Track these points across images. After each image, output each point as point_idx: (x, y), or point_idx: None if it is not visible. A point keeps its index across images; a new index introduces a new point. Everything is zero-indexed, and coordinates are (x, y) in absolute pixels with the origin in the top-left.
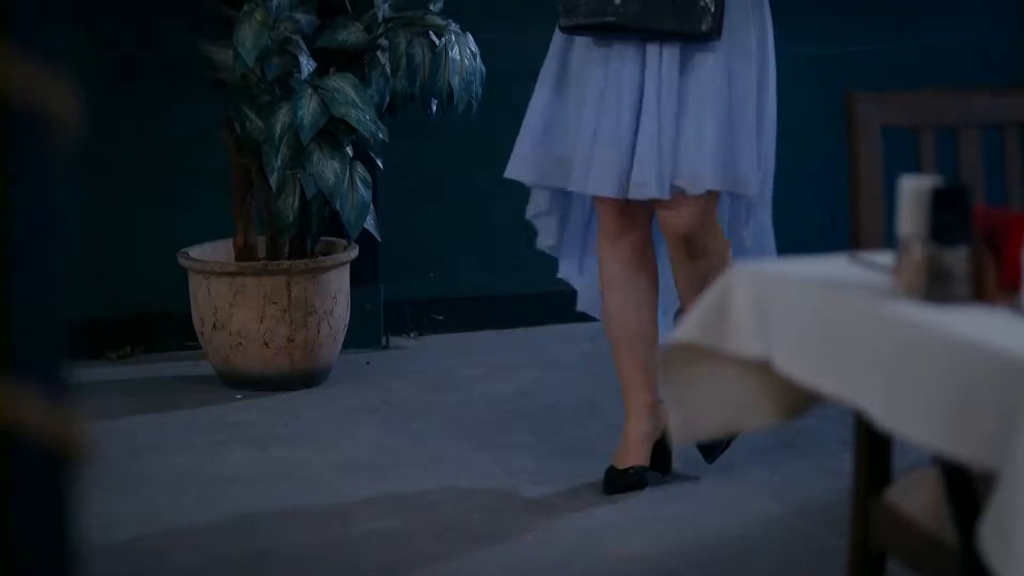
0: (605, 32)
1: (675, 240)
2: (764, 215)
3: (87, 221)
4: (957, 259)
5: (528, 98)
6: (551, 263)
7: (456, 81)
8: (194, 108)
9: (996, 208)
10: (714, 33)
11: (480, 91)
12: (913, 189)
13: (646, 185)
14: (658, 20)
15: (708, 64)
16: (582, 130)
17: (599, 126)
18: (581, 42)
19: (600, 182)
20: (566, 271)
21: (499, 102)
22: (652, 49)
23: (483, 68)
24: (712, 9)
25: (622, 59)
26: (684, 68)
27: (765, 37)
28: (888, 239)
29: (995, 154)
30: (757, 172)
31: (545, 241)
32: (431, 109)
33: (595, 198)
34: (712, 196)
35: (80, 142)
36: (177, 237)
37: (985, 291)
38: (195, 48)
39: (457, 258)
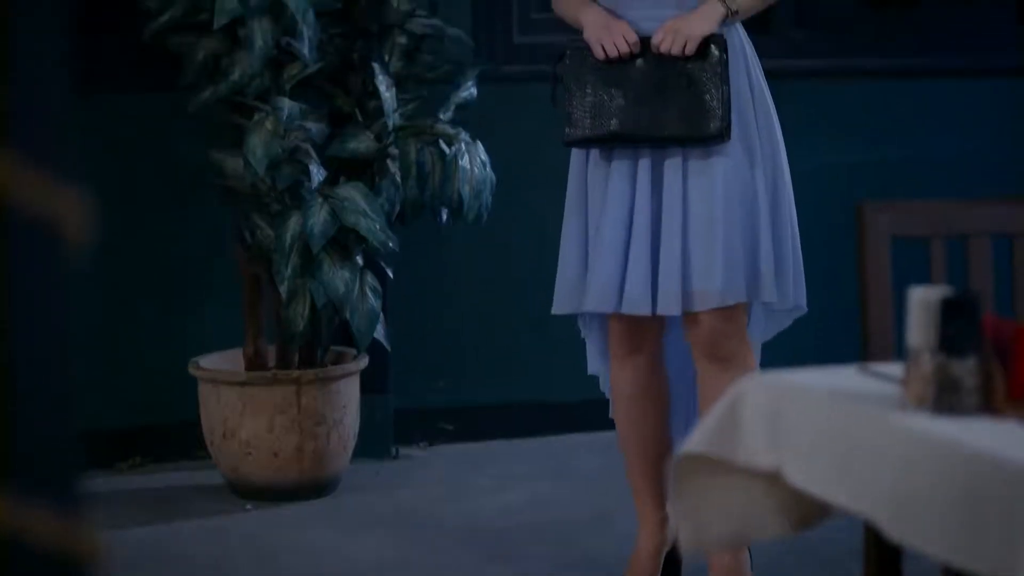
0: (611, 143)
1: (697, 350)
2: (756, 332)
3: (96, 329)
4: (966, 370)
5: (539, 207)
6: (562, 371)
7: (466, 190)
8: (204, 217)
9: (1005, 318)
10: (723, 135)
11: (490, 200)
12: (922, 299)
13: (634, 300)
14: (665, 126)
15: (716, 168)
16: (596, 249)
17: (608, 243)
18: (594, 156)
19: (603, 299)
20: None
21: (509, 210)
22: (659, 156)
23: (493, 177)
24: (719, 111)
25: (628, 169)
26: (690, 174)
27: (774, 137)
28: (898, 349)
29: (1004, 264)
30: (772, 275)
31: (592, 365)
32: (441, 218)
33: (606, 316)
34: (736, 307)
35: (89, 251)
36: (187, 346)
37: (994, 402)
38: (205, 156)
39: (467, 367)
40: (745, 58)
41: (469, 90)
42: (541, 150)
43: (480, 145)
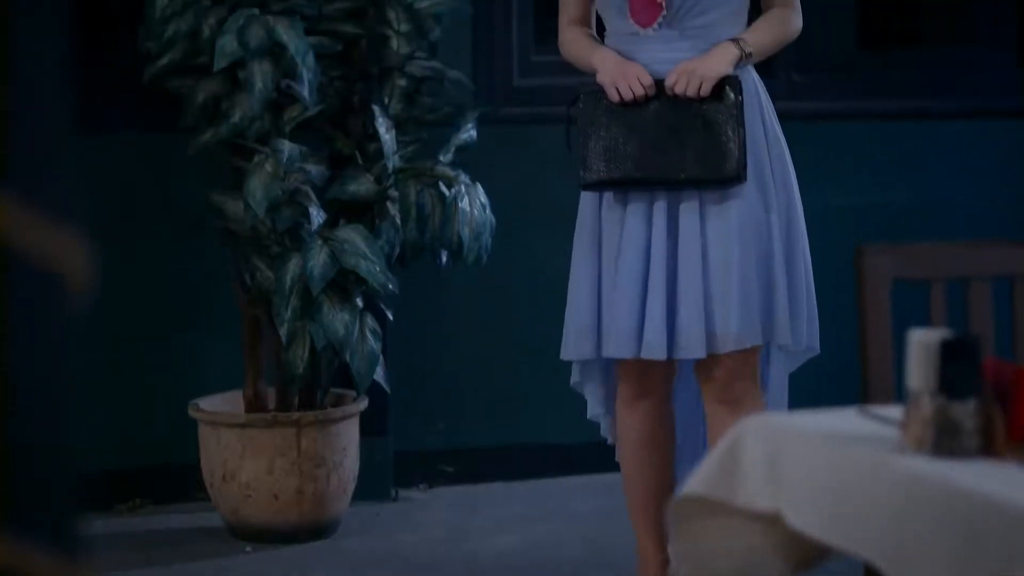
0: (627, 186)
1: (708, 392)
2: (780, 371)
3: (96, 371)
4: (966, 412)
5: (538, 249)
6: (561, 414)
7: (466, 232)
8: (204, 259)
9: (1006, 361)
10: (740, 177)
11: (490, 242)
12: (922, 342)
13: (654, 346)
14: (682, 169)
15: (732, 210)
16: (614, 294)
17: (626, 287)
18: (607, 198)
19: (623, 345)
20: (607, 433)
21: (509, 253)
22: (674, 198)
23: (493, 219)
24: (736, 153)
25: (643, 212)
26: (707, 216)
27: (788, 179)
28: (898, 392)
29: (1005, 306)
30: (787, 318)
31: (593, 410)
32: (441, 260)
33: (615, 360)
34: (751, 349)
35: (90, 294)
36: (187, 388)
37: (994, 445)
38: (206, 198)
39: (467, 410)
40: (759, 100)
41: (469, 132)
42: (541, 192)
43: (480, 187)
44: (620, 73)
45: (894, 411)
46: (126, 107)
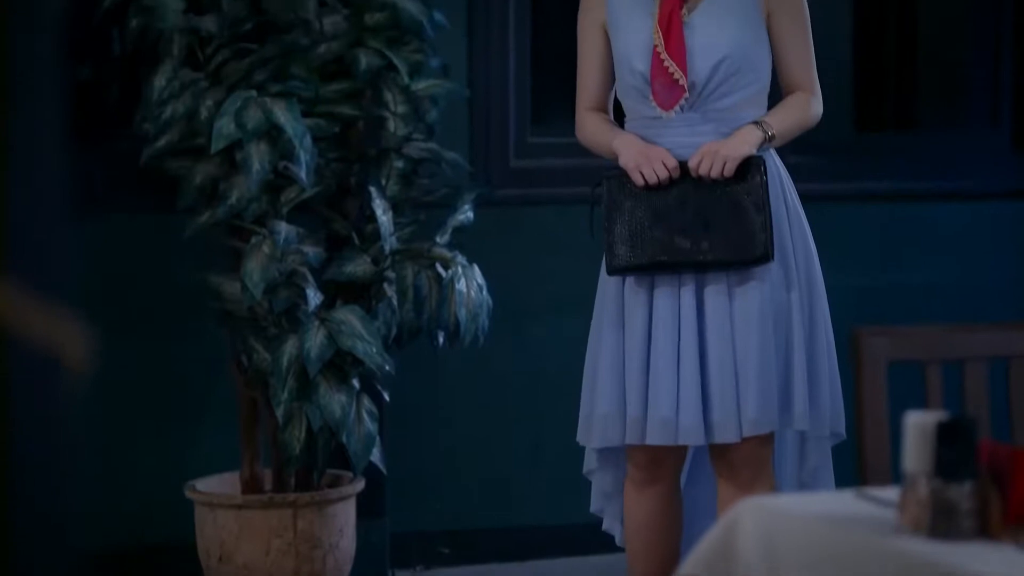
0: (654, 270)
1: (721, 473)
2: (822, 453)
3: (93, 452)
4: (962, 495)
5: (535, 330)
6: (558, 495)
7: (463, 313)
8: (201, 340)
9: (1002, 443)
10: (767, 257)
11: (487, 323)
12: (918, 424)
13: (691, 431)
14: (708, 251)
15: (756, 291)
16: (652, 381)
17: (662, 373)
18: (631, 282)
19: (659, 432)
20: (610, 526)
21: (506, 334)
22: (701, 279)
23: (490, 300)
24: (762, 234)
25: (671, 295)
26: (734, 296)
27: (810, 259)
28: (895, 474)
29: (1001, 388)
30: (806, 404)
31: (596, 503)
32: (438, 341)
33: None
34: (764, 436)
35: (88, 377)
36: (183, 469)
37: (990, 527)
38: (203, 279)
39: (464, 490)
40: (780, 180)
41: (466, 214)
42: (537, 273)
43: (476, 268)
44: (644, 156)
45: (891, 493)
46: (123, 188)
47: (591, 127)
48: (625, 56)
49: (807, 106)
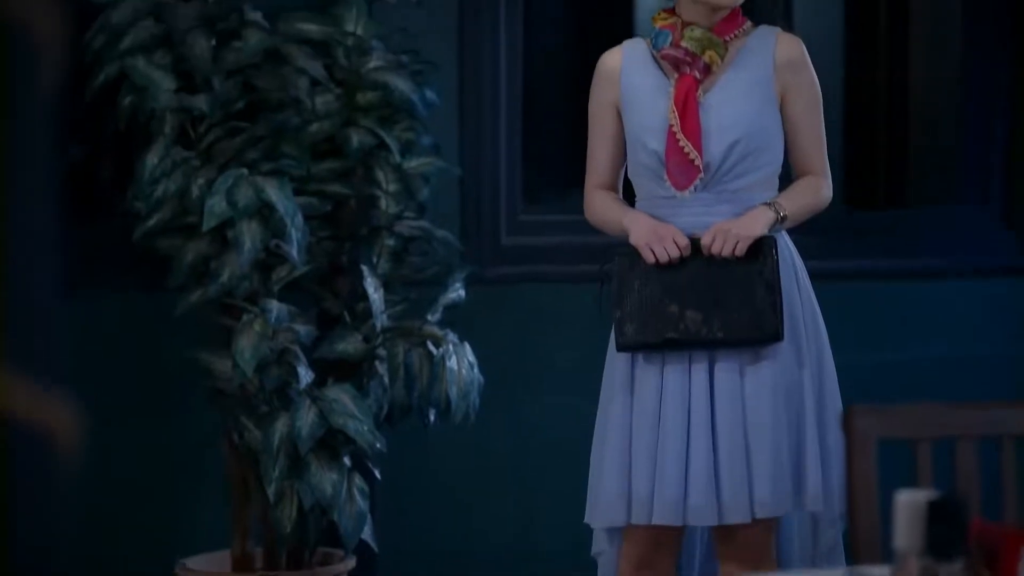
0: (665, 348)
1: (725, 553)
2: (835, 533)
3: (84, 529)
4: (952, 573)
5: (526, 408)
6: (552, 572)
7: (454, 391)
8: (193, 418)
9: (992, 521)
10: (778, 336)
11: (478, 401)
12: (908, 502)
13: (701, 511)
14: (720, 330)
15: (767, 370)
16: (637, 454)
17: (671, 451)
18: (640, 358)
19: (667, 512)
20: None
21: (497, 411)
22: (712, 357)
23: (481, 378)
24: (773, 313)
25: (682, 373)
26: (745, 375)
27: (820, 337)
28: (886, 552)
29: (992, 466)
30: (819, 485)
31: None
32: (429, 419)
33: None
34: (769, 520)
35: (79, 456)
36: (174, 547)
37: None
38: (194, 357)
39: (456, 568)
40: (792, 258)
41: (457, 292)
42: (529, 351)
43: (468, 346)
44: (655, 234)
45: (882, 571)
46: (115, 266)
47: (601, 205)
48: (639, 135)
49: (819, 189)
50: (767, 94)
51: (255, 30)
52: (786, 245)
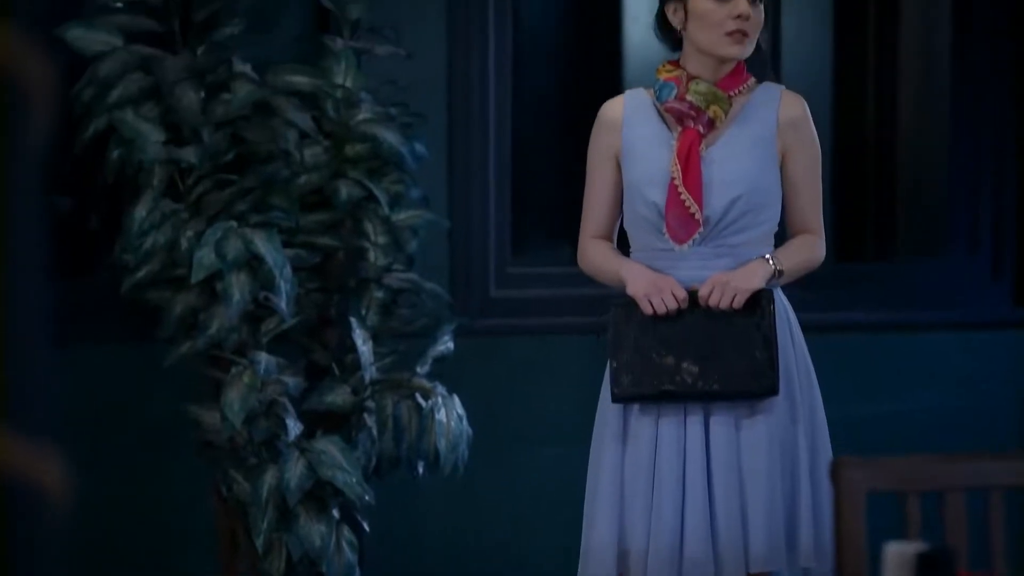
0: (661, 400)
1: None
2: None
3: None
4: None
5: (515, 460)
6: None
7: (442, 444)
8: (181, 470)
9: (981, 574)
10: (775, 389)
11: (467, 453)
12: (897, 555)
13: (697, 565)
14: (716, 382)
15: (763, 424)
16: (632, 507)
17: (667, 505)
18: (635, 409)
19: (667, 567)
20: None
21: (485, 464)
22: (707, 409)
23: (469, 430)
24: (769, 367)
25: (677, 425)
26: (741, 428)
27: (814, 391)
28: None
29: (980, 519)
30: (812, 541)
31: None
32: (417, 471)
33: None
34: (765, 573)
35: (67, 508)
36: None
37: None
38: (182, 409)
39: None
40: (787, 314)
41: (446, 344)
42: (517, 404)
43: (456, 399)
44: (653, 286)
45: None
46: (104, 319)
47: (596, 255)
48: (639, 187)
49: (814, 248)
50: (769, 152)
51: (244, 82)
52: (780, 299)
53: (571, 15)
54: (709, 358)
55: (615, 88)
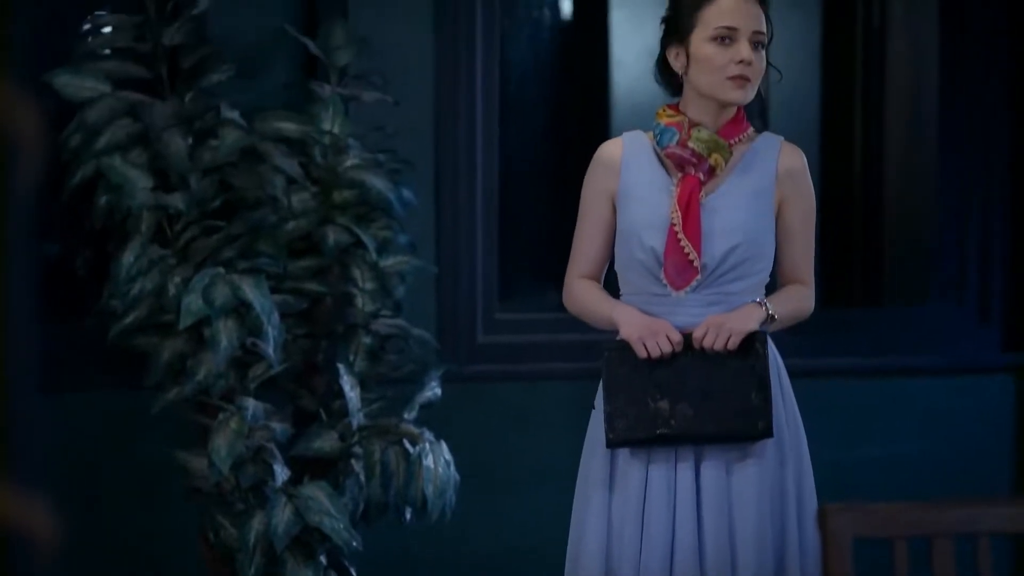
0: (655, 444)
1: None
2: None
3: None
4: None
5: (502, 506)
6: None
7: (430, 489)
8: (169, 516)
9: None
10: (769, 431)
11: (454, 499)
12: None
13: None
14: (710, 425)
15: (753, 467)
16: (621, 551)
17: (656, 549)
18: (623, 453)
19: None
20: None
21: (473, 510)
22: (699, 452)
23: (457, 476)
24: (763, 410)
25: (668, 468)
26: (732, 471)
27: (800, 436)
28: None
29: (968, 564)
30: None
31: None
32: (405, 517)
33: None
34: None
35: (55, 556)
36: None
37: None
38: (170, 455)
39: None
40: (775, 358)
41: (433, 390)
42: (504, 449)
43: (444, 444)
44: (648, 329)
45: None
46: (91, 365)
47: (585, 294)
48: (636, 231)
49: (805, 299)
50: (767, 202)
51: (232, 128)
52: (770, 343)
53: (558, 60)
54: (704, 401)
55: (602, 133)
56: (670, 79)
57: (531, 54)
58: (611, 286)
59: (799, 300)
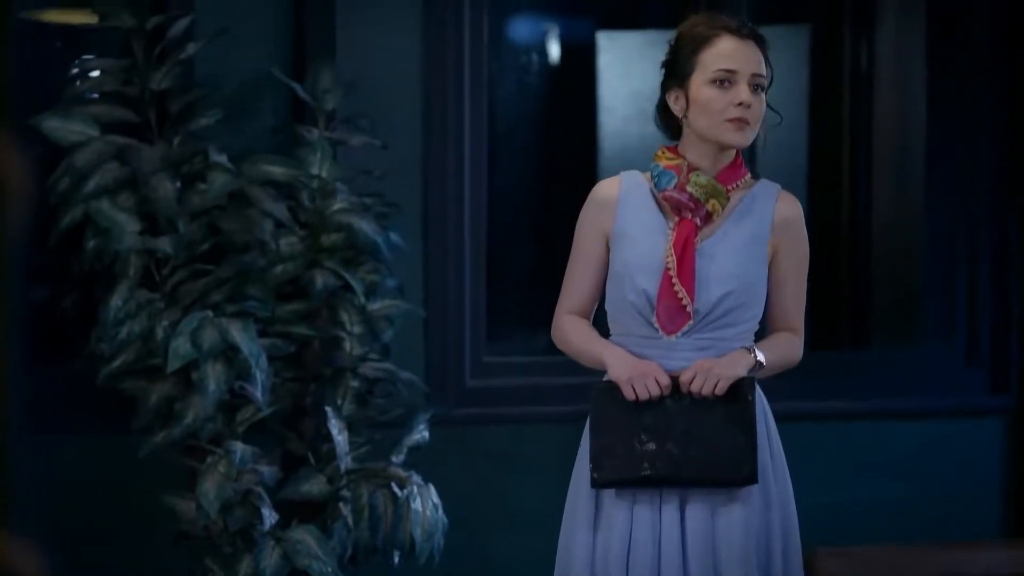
0: (640, 486)
1: None
2: None
3: None
4: None
5: (490, 549)
6: None
7: (418, 532)
8: (157, 560)
9: None
10: (754, 477)
11: (442, 542)
12: None
13: None
14: (695, 468)
15: (738, 512)
16: None
17: None
18: (608, 494)
19: None
20: None
21: (461, 553)
22: (684, 495)
23: (445, 519)
24: (749, 455)
25: (652, 511)
26: (716, 515)
27: (785, 479)
28: None
29: None
30: None
31: None
32: (393, 560)
33: None
34: None
35: None
36: None
37: None
38: (158, 499)
39: None
40: (763, 403)
41: (421, 433)
42: (493, 492)
43: (432, 488)
44: (637, 371)
45: None
46: (79, 408)
47: (575, 333)
48: (630, 272)
49: (794, 347)
50: (762, 250)
51: (220, 172)
52: (757, 390)
53: (546, 104)
54: (690, 444)
55: (590, 176)
56: (669, 122)
57: (519, 98)
58: (599, 324)
59: (788, 348)
